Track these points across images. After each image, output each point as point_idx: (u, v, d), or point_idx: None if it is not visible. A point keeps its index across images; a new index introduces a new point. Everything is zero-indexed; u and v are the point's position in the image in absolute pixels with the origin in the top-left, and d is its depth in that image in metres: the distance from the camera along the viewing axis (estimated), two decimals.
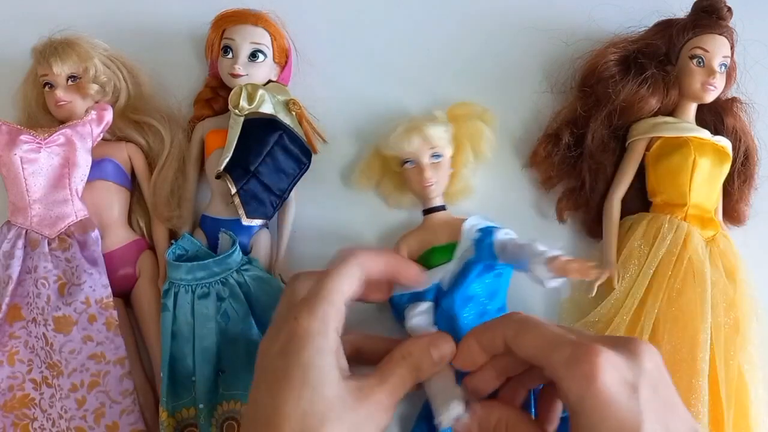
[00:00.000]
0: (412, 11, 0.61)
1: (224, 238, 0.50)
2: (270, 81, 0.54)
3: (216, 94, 0.54)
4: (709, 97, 0.53)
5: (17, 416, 0.47)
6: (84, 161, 0.50)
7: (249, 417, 0.36)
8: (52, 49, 0.50)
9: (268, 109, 0.50)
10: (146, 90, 0.55)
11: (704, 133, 0.53)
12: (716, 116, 0.56)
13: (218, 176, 0.49)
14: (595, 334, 0.37)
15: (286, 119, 0.51)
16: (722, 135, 0.54)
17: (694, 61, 0.53)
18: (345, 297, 0.38)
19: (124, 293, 0.51)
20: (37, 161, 0.49)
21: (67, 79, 0.51)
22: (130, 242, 0.52)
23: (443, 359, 0.39)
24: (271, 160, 0.50)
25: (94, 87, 0.51)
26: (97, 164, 0.51)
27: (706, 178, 0.52)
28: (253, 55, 0.52)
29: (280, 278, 0.51)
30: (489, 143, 0.53)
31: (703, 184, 0.52)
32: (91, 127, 0.51)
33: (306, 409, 0.33)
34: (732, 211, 0.55)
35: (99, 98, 0.52)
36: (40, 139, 0.49)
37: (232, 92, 0.50)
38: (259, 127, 0.50)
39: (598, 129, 0.53)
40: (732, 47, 0.54)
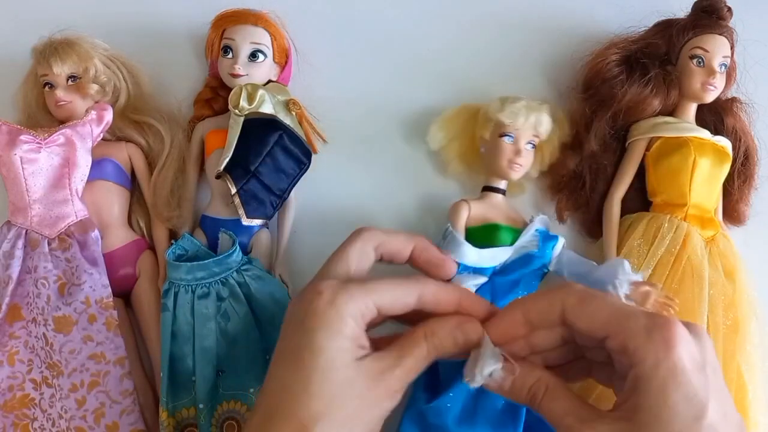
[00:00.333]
0: (412, 11, 0.61)
1: (224, 238, 0.50)
2: (270, 81, 0.54)
3: (216, 94, 0.55)
4: (709, 97, 0.54)
5: (17, 416, 0.48)
6: (84, 161, 0.50)
7: (266, 387, 0.37)
8: (52, 49, 0.51)
9: (268, 109, 0.50)
10: (146, 90, 0.55)
11: (704, 133, 0.53)
12: (716, 116, 0.56)
13: (218, 176, 0.49)
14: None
15: (286, 119, 0.52)
16: (722, 135, 0.55)
17: (695, 61, 0.54)
18: (380, 304, 0.37)
19: (124, 293, 0.52)
20: (37, 161, 0.49)
21: (67, 79, 0.51)
22: (130, 242, 0.52)
23: (468, 345, 0.38)
24: (271, 160, 0.50)
25: (94, 87, 0.52)
26: (97, 164, 0.52)
27: (706, 178, 0.53)
28: (253, 55, 0.52)
29: (280, 278, 0.51)
30: (554, 152, 0.54)
31: (703, 184, 0.53)
32: (91, 127, 0.51)
33: (314, 391, 0.34)
34: (732, 211, 0.56)
35: (99, 98, 0.53)
36: (40, 139, 0.49)
37: (232, 92, 0.50)
38: (259, 127, 0.50)
39: (600, 129, 0.54)
40: (732, 47, 0.55)
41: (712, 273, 0.51)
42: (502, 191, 0.53)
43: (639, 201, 0.56)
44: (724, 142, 0.54)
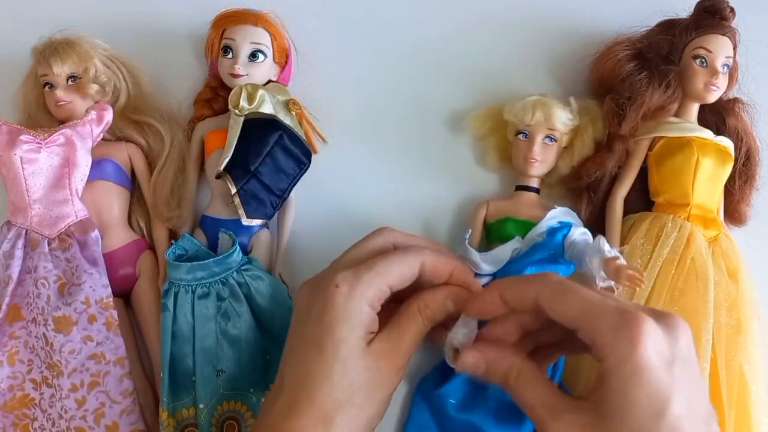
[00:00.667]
0: (412, 11, 0.61)
1: (224, 238, 0.50)
2: (270, 81, 0.54)
3: (216, 94, 0.55)
4: (712, 98, 0.54)
5: (17, 416, 0.48)
6: (84, 161, 0.51)
7: (286, 376, 0.39)
8: (52, 49, 0.51)
9: (268, 109, 0.51)
10: (146, 90, 0.55)
11: (707, 133, 0.54)
12: (718, 116, 0.57)
13: (218, 176, 0.50)
14: (634, 303, 0.38)
15: (286, 119, 0.52)
16: (724, 135, 0.55)
17: (697, 61, 0.54)
18: (391, 284, 0.39)
19: (124, 293, 0.52)
20: (37, 161, 0.49)
21: (67, 79, 0.52)
22: (130, 242, 0.53)
23: (459, 312, 0.41)
24: (271, 160, 0.50)
25: (94, 87, 0.52)
26: (97, 164, 0.52)
27: (709, 178, 0.53)
28: (253, 55, 0.52)
29: (280, 278, 0.52)
30: (586, 149, 0.54)
31: (706, 184, 0.53)
32: (91, 127, 0.51)
33: (335, 380, 0.37)
34: (733, 212, 0.56)
35: (99, 98, 0.53)
36: (40, 139, 0.49)
37: (232, 92, 0.51)
38: (259, 127, 0.51)
39: (626, 130, 0.54)
40: (734, 47, 0.55)
41: (715, 273, 0.51)
42: (534, 189, 0.54)
43: (641, 201, 0.56)
44: (727, 143, 0.55)
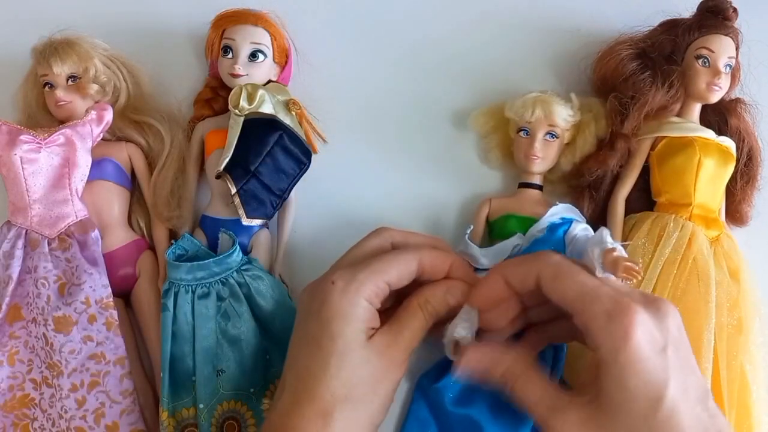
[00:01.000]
0: (413, 11, 0.62)
1: (224, 238, 0.51)
2: (270, 81, 0.55)
3: (216, 94, 0.56)
4: (714, 98, 0.55)
5: (17, 416, 0.49)
6: (84, 161, 0.51)
7: (288, 373, 0.40)
8: (52, 49, 0.51)
9: (268, 109, 0.51)
10: (146, 90, 0.56)
11: (709, 134, 0.54)
12: (720, 117, 0.57)
13: (218, 176, 0.50)
14: (628, 288, 0.39)
15: (286, 119, 0.52)
16: (726, 136, 0.56)
17: (700, 61, 0.55)
18: (389, 281, 0.40)
19: (124, 293, 0.52)
20: (37, 161, 0.50)
21: (67, 79, 0.52)
22: (130, 242, 0.53)
23: (460, 305, 0.42)
24: (271, 160, 0.51)
25: (94, 87, 0.52)
26: (97, 164, 0.52)
27: (711, 178, 0.54)
28: (253, 55, 0.53)
29: (280, 278, 0.52)
30: (588, 146, 0.55)
31: (708, 184, 0.53)
32: (91, 127, 0.52)
33: (333, 373, 0.38)
34: (734, 212, 0.57)
35: (99, 98, 0.53)
36: (40, 139, 0.50)
37: (232, 92, 0.51)
38: (259, 127, 0.51)
39: (635, 127, 0.54)
40: (737, 48, 0.56)
41: (717, 273, 0.52)
42: (537, 186, 0.54)
43: (643, 201, 0.57)
44: (729, 143, 0.55)
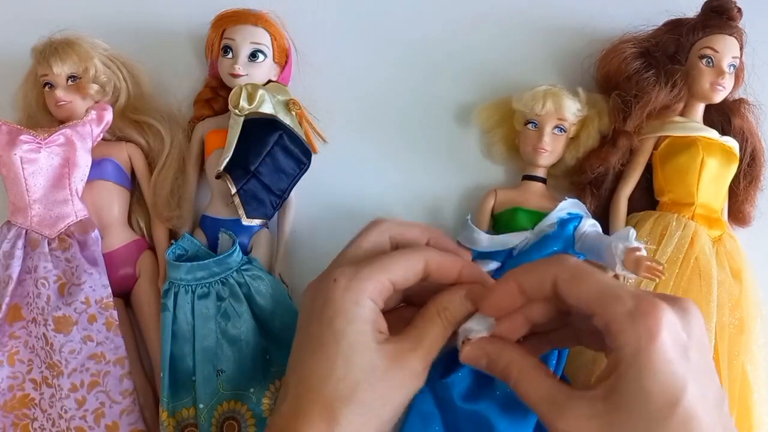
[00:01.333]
0: (414, 10, 0.62)
1: (224, 238, 0.51)
2: (270, 81, 0.55)
3: (216, 94, 0.56)
4: (718, 98, 0.55)
5: (17, 416, 0.49)
6: (84, 161, 0.52)
7: (293, 374, 0.39)
8: (52, 49, 0.52)
9: (268, 109, 0.52)
10: (146, 90, 0.56)
11: (712, 133, 0.55)
12: (723, 117, 0.58)
13: (218, 176, 0.51)
14: (646, 290, 0.38)
15: (286, 119, 0.53)
16: (729, 136, 0.56)
17: (704, 61, 0.55)
18: (393, 279, 0.39)
19: (124, 293, 0.53)
20: (37, 161, 0.50)
21: (67, 79, 0.53)
22: (130, 242, 0.54)
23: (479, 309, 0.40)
24: (271, 160, 0.51)
25: (94, 87, 0.53)
26: (97, 164, 0.53)
27: (714, 178, 0.54)
28: (253, 55, 0.53)
29: (280, 278, 0.53)
30: (591, 142, 0.55)
31: (711, 184, 0.54)
32: (91, 127, 0.52)
33: (339, 375, 0.37)
34: (737, 212, 0.57)
35: (99, 98, 0.54)
36: (40, 139, 0.50)
37: (232, 92, 0.51)
38: (259, 127, 0.51)
39: (637, 125, 0.55)
40: (741, 48, 0.56)
41: (719, 273, 0.52)
42: (541, 179, 0.55)
43: (645, 200, 0.57)
44: (732, 143, 0.56)
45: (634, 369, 0.32)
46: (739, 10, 0.56)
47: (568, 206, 0.52)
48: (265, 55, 0.54)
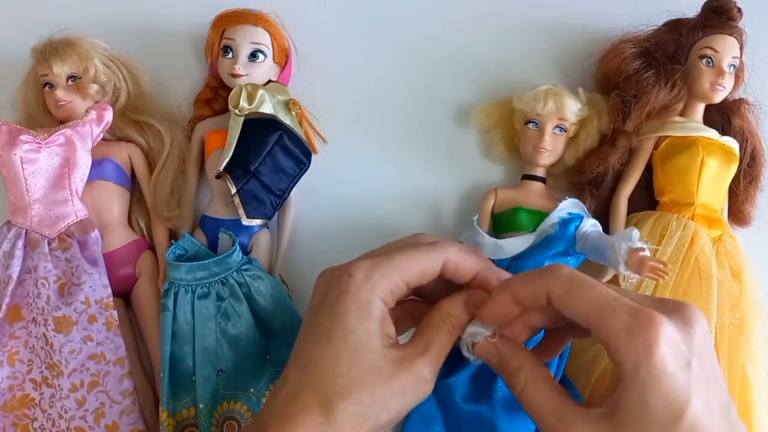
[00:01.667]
0: (414, 10, 0.63)
1: (224, 238, 0.52)
2: (270, 81, 0.55)
3: (216, 94, 0.56)
4: (718, 98, 0.56)
5: (17, 416, 0.50)
6: (84, 161, 0.52)
7: (295, 361, 0.39)
8: (52, 49, 0.52)
9: (268, 109, 0.52)
10: (146, 90, 0.57)
11: (712, 133, 0.55)
12: (723, 117, 0.58)
13: (218, 176, 0.51)
14: (648, 296, 0.37)
15: (286, 119, 0.53)
16: (729, 136, 0.56)
17: (704, 61, 0.55)
18: (408, 280, 0.39)
19: (124, 293, 0.53)
20: (37, 161, 0.51)
21: (67, 79, 0.53)
22: (130, 242, 0.54)
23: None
24: (271, 160, 0.52)
25: (94, 87, 0.53)
26: (97, 164, 0.53)
27: (714, 178, 0.54)
28: (253, 55, 0.54)
29: (280, 278, 0.53)
30: (590, 141, 0.56)
31: (711, 184, 0.54)
32: (91, 127, 0.53)
33: (342, 371, 0.37)
34: (737, 212, 0.58)
35: (99, 98, 0.54)
36: (40, 139, 0.51)
37: (232, 92, 0.52)
38: (259, 127, 0.52)
39: (637, 124, 0.55)
40: (741, 48, 0.56)
41: (719, 272, 0.53)
42: (540, 179, 0.55)
43: (645, 200, 0.57)
44: (732, 143, 0.56)
45: (636, 385, 0.32)
46: (739, 10, 0.56)
47: (569, 206, 0.52)
48: (265, 55, 0.54)
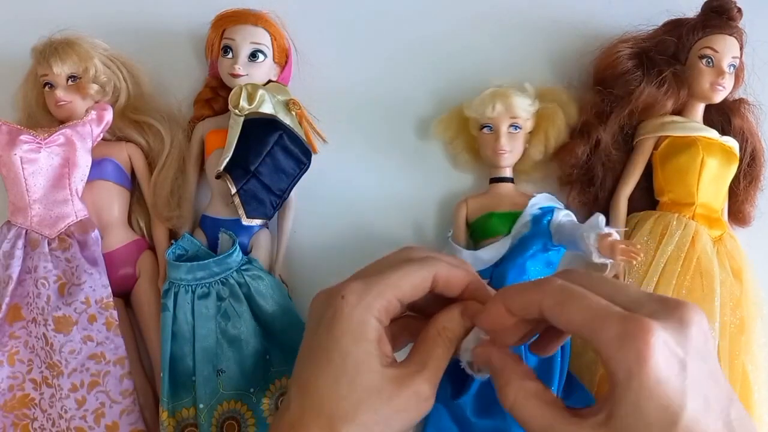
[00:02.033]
0: (413, 10, 0.63)
1: (224, 238, 0.52)
2: (270, 81, 0.56)
3: (216, 94, 0.57)
4: (718, 98, 0.56)
5: (17, 416, 0.50)
6: (84, 161, 0.52)
7: (298, 382, 0.39)
8: (52, 49, 0.52)
9: (268, 109, 0.52)
10: (146, 90, 0.57)
11: (712, 133, 0.55)
12: (723, 117, 0.58)
13: (218, 176, 0.51)
14: (642, 294, 0.36)
15: (286, 119, 0.53)
16: (729, 136, 0.57)
17: (704, 61, 0.56)
18: (401, 297, 0.39)
19: (124, 293, 0.54)
20: (37, 161, 0.51)
21: (67, 79, 0.53)
22: (130, 242, 0.54)
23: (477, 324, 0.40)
24: (271, 160, 0.52)
25: (94, 87, 0.54)
26: (97, 164, 0.53)
27: (714, 178, 0.55)
28: (253, 55, 0.54)
29: (280, 278, 0.53)
30: (560, 135, 0.56)
31: (711, 184, 0.55)
32: (91, 127, 0.53)
33: (342, 393, 0.37)
34: (737, 212, 0.58)
35: (99, 98, 0.55)
36: (40, 139, 0.51)
37: (232, 92, 0.52)
38: (259, 127, 0.52)
39: (615, 123, 0.56)
40: (741, 48, 0.57)
41: (720, 272, 0.53)
42: (509, 179, 0.55)
43: (646, 200, 0.58)
44: (732, 143, 0.56)
45: (630, 393, 0.32)
46: (739, 10, 0.57)
47: (540, 201, 0.53)
48: (265, 55, 0.54)
